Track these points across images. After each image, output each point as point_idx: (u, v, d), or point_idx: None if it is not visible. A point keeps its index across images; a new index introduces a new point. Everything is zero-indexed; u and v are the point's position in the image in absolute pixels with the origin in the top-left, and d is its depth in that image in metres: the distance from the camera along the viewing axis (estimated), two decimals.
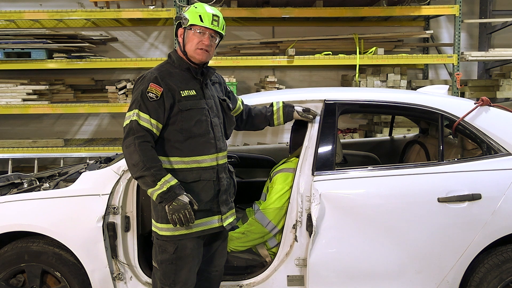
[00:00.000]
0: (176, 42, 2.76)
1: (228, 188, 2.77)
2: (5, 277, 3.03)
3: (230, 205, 2.79)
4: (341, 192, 2.93)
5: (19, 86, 6.02)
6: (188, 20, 2.63)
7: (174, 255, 2.64)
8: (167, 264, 2.66)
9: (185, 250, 2.65)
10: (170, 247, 2.64)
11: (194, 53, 2.65)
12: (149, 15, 6.03)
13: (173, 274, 2.65)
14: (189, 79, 2.69)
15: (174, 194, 2.51)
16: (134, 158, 2.52)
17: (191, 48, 2.65)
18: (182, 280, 2.66)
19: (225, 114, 2.83)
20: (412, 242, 2.89)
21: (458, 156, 3.21)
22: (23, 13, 6.00)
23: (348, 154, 3.86)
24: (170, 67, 2.71)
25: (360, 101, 3.21)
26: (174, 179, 2.55)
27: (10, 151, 6.05)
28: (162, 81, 2.60)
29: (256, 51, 6.53)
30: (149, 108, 2.57)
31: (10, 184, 3.41)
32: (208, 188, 2.67)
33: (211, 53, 2.70)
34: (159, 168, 2.53)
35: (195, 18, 2.62)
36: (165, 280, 2.67)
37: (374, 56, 6.07)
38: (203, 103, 2.68)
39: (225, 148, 2.78)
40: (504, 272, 2.89)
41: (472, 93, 6.40)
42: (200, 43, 2.63)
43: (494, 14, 7.05)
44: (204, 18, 2.63)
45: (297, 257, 2.97)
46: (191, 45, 2.64)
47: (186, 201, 2.52)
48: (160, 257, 2.68)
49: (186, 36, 2.66)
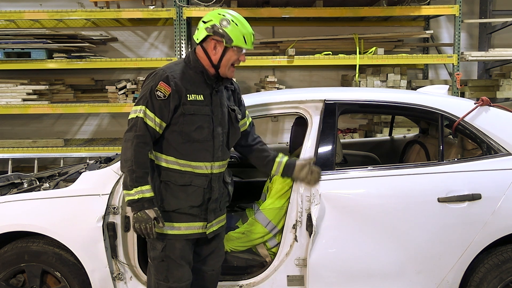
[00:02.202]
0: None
1: (219, 198, 2.75)
2: (5, 277, 3.03)
3: (218, 214, 2.78)
4: (341, 192, 2.93)
5: (19, 86, 6.02)
6: (233, 41, 2.58)
7: (162, 253, 2.65)
8: (158, 261, 2.68)
9: (174, 250, 2.65)
10: (158, 245, 2.66)
11: (227, 71, 2.65)
12: (149, 15, 6.03)
13: (165, 271, 2.67)
14: (201, 82, 2.66)
15: (141, 206, 2.52)
16: (126, 154, 2.55)
17: (227, 65, 2.63)
18: (175, 277, 2.67)
19: (231, 124, 2.78)
20: (412, 242, 2.89)
21: (458, 156, 3.21)
22: (23, 13, 6.00)
23: (348, 154, 3.86)
24: (185, 67, 2.68)
25: (360, 101, 3.21)
26: (150, 192, 2.54)
27: (10, 151, 6.06)
28: (172, 81, 2.58)
29: (256, 51, 6.51)
30: (155, 106, 2.56)
31: (10, 184, 3.41)
32: (198, 194, 2.65)
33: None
34: (142, 175, 2.54)
35: (240, 39, 2.59)
36: (158, 275, 2.69)
37: (374, 56, 6.07)
38: (208, 110, 2.65)
39: (224, 158, 2.74)
40: (504, 272, 2.89)
41: (472, 93, 6.40)
42: (236, 61, 2.65)
43: (494, 14, 7.05)
44: (247, 40, 2.62)
45: (297, 257, 2.97)
46: (228, 62, 2.63)
47: (151, 216, 2.52)
48: (152, 253, 2.70)
49: (224, 53, 2.61)
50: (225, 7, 5.93)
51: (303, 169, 2.90)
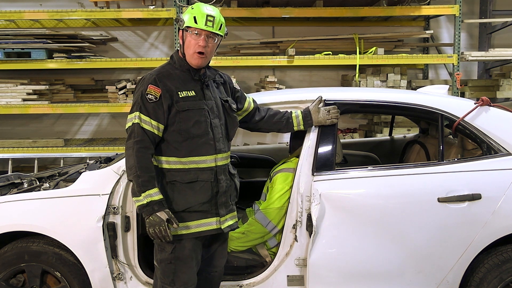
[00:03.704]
0: (176, 43, 2.76)
1: (227, 190, 2.75)
2: (5, 277, 3.03)
3: (230, 208, 2.77)
4: (341, 192, 2.93)
5: (19, 86, 6.02)
6: (184, 22, 2.64)
7: (172, 255, 2.64)
8: (166, 263, 2.66)
9: (184, 251, 2.64)
10: (168, 247, 2.64)
11: (191, 58, 2.65)
12: (149, 15, 6.02)
13: (172, 274, 2.65)
14: (189, 80, 2.69)
15: (152, 209, 2.51)
16: (130, 162, 2.57)
17: (189, 52, 2.65)
18: (182, 280, 2.66)
19: (227, 115, 2.80)
20: (412, 242, 2.89)
21: (458, 156, 3.21)
22: (23, 13, 6.00)
23: (348, 154, 3.86)
24: (171, 68, 2.71)
25: (360, 101, 3.21)
26: (159, 195, 2.54)
27: (10, 151, 6.05)
28: (160, 82, 2.61)
29: (256, 51, 6.52)
30: (149, 110, 2.58)
31: (10, 184, 3.41)
32: (206, 189, 2.66)
33: (208, 56, 2.69)
34: (148, 179, 2.54)
35: (190, 19, 2.61)
36: (165, 279, 2.68)
37: (374, 56, 6.07)
38: (203, 104, 2.67)
39: (226, 150, 2.76)
40: (504, 272, 2.89)
41: (472, 93, 6.40)
42: (196, 45, 2.62)
43: (494, 14, 7.04)
44: (198, 20, 2.60)
45: (297, 257, 2.97)
46: (188, 48, 2.64)
47: (163, 218, 2.51)
48: (159, 256, 2.68)
49: (184, 38, 2.66)
50: (225, 7, 5.94)
51: (319, 112, 3.01)
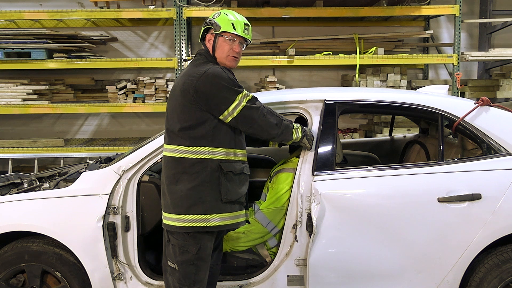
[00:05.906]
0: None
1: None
2: (5, 277, 3.03)
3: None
4: (341, 192, 2.93)
5: (19, 86, 6.03)
6: (221, 27, 2.69)
7: (196, 255, 2.63)
8: (188, 264, 2.64)
9: (206, 250, 2.66)
10: (192, 248, 2.62)
11: (225, 60, 2.72)
12: (149, 15, 6.04)
13: (194, 274, 2.65)
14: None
15: (303, 130, 2.89)
16: (271, 120, 2.71)
17: (222, 55, 2.72)
18: (200, 279, 2.67)
19: None
20: (412, 242, 2.89)
21: (458, 156, 3.21)
22: (23, 13, 6.01)
23: (348, 154, 3.87)
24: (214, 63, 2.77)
25: (360, 101, 3.21)
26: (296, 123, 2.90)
27: (10, 151, 6.06)
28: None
29: (256, 51, 6.53)
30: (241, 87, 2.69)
31: (10, 184, 3.41)
32: (246, 181, 2.78)
33: (239, 60, 2.79)
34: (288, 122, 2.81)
35: (228, 25, 2.69)
36: (185, 280, 2.65)
37: (374, 56, 6.08)
38: None
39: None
40: (504, 272, 2.89)
41: (472, 93, 6.40)
42: (231, 50, 2.70)
43: (494, 14, 7.05)
44: (236, 26, 2.70)
45: (297, 257, 2.97)
46: (222, 52, 2.71)
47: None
48: (181, 257, 2.64)
49: (216, 42, 2.71)
50: (225, 7, 5.94)
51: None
